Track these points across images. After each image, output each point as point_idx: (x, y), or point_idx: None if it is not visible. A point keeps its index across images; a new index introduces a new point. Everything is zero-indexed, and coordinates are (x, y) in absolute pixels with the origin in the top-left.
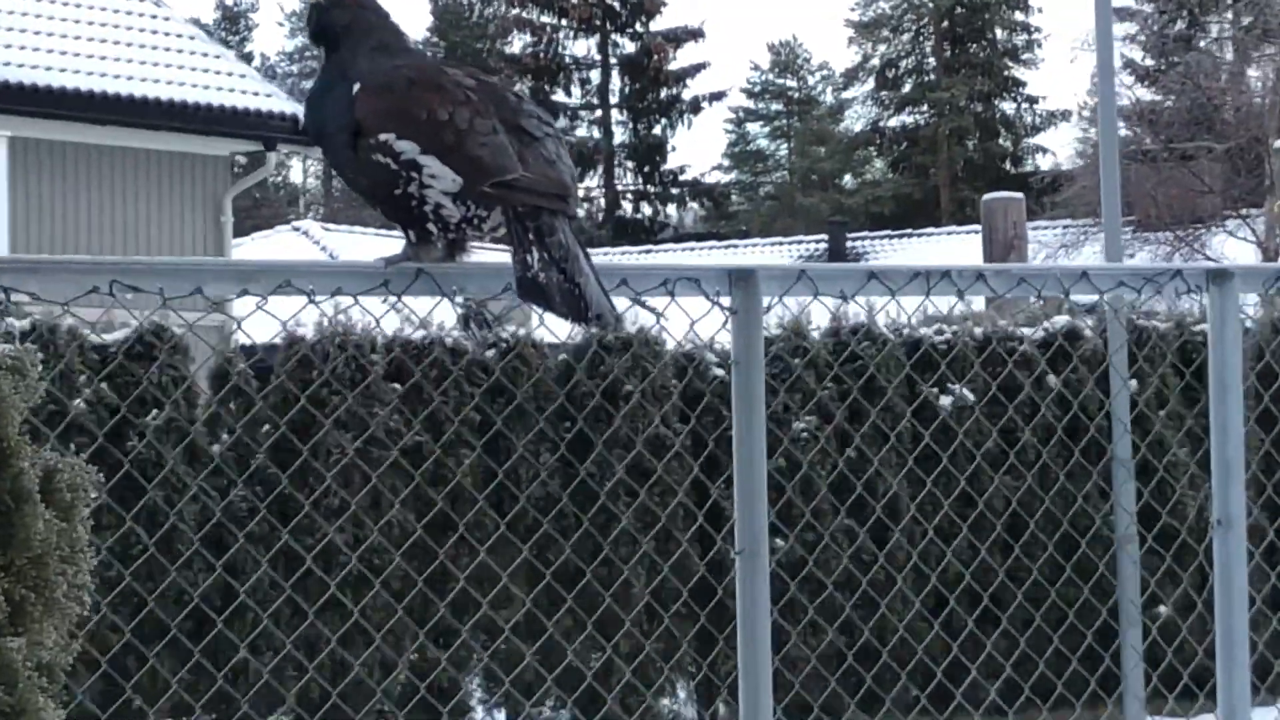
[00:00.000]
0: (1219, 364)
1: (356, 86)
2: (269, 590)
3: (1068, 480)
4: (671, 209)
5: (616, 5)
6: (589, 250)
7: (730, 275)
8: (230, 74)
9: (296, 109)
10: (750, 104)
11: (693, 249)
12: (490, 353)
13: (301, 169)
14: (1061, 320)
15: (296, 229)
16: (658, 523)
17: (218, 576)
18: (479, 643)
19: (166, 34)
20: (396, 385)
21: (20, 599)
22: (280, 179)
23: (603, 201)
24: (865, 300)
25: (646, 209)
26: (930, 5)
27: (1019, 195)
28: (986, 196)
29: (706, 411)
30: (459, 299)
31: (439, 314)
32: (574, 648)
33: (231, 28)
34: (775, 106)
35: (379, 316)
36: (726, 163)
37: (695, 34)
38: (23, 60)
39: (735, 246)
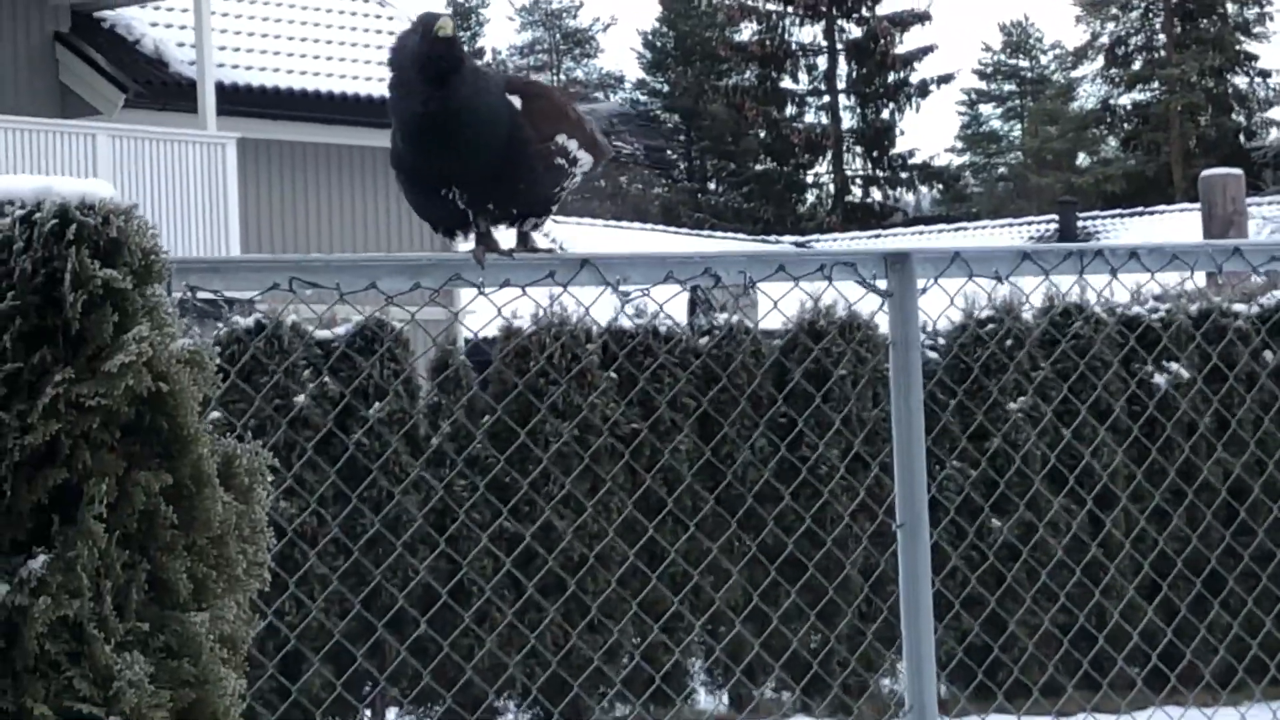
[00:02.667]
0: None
1: (518, 101)
2: (490, 575)
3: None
4: (901, 193)
5: None
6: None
7: (885, 259)
8: None
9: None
10: (982, 85)
11: (921, 232)
12: (704, 339)
13: None
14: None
15: None
16: (871, 505)
17: (440, 560)
18: (701, 626)
19: (391, 34)
20: (612, 374)
21: (202, 576)
22: None
23: (832, 187)
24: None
25: (876, 193)
26: None
27: (1238, 171)
28: (1205, 173)
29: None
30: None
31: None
32: (794, 628)
33: (463, 23)
34: (1008, 87)
35: (588, 305)
36: (960, 145)
37: (922, 17)
38: (250, 63)
39: (964, 229)
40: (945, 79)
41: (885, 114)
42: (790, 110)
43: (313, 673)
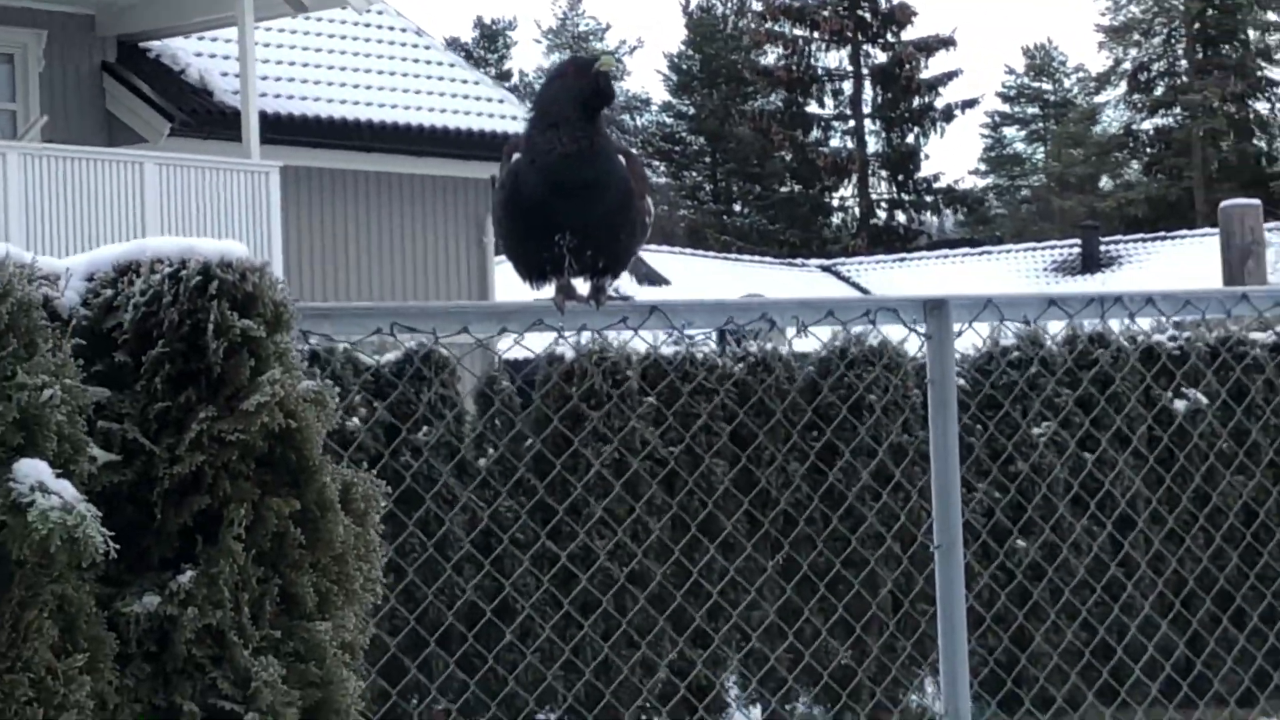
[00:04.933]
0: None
1: (623, 159)
2: (533, 594)
3: None
4: (926, 216)
5: (868, 16)
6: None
7: (925, 305)
8: (489, 99)
9: None
10: (1006, 108)
11: (945, 256)
12: (739, 366)
13: None
14: None
15: None
16: (902, 524)
17: (487, 580)
18: (733, 643)
19: (428, 62)
20: (651, 399)
21: (326, 590)
22: None
23: (857, 211)
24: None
25: (901, 216)
26: (1181, 8)
27: (1256, 202)
28: (1224, 203)
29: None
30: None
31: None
32: (825, 646)
33: (490, 45)
34: (1031, 110)
35: (628, 339)
36: (983, 167)
37: (947, 42)
38: (292, 92)
39: (989, 253)
40: (969, 103)
41: (910, 138)
42: (815, 134)
43: (370, 684)
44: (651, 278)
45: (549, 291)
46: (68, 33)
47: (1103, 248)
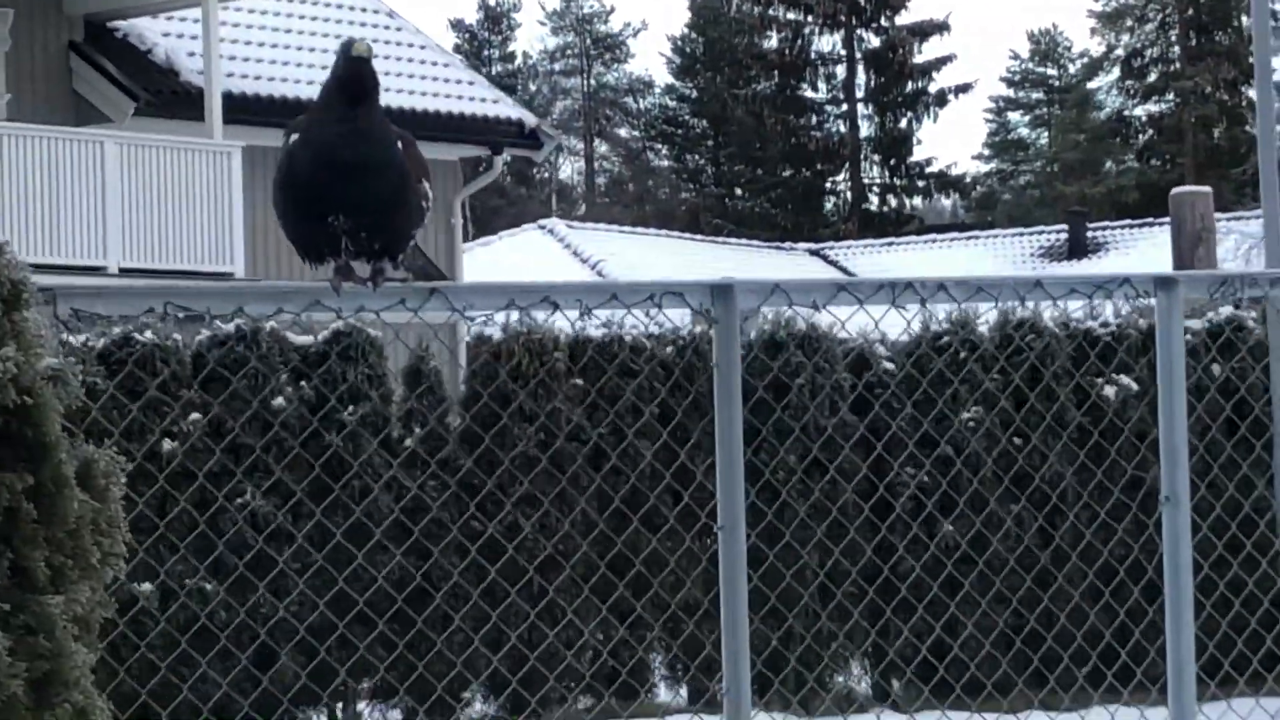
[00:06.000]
0: (1165, 361)
1: (400, 144)
2: (460, 574)
3: (1229, 465)
4: (918, 200)
5: (861, 0)
6: None
7: (712, 289)
8: (459, 81)
9: (524, 115)
10: (1010, 93)
11: (933, 241)
12: (669, 349)
13: (571, 167)
14: (1226, 311)
15: (543, 227)
16: (828, 510)
17: (412, 560)
18: (660, 624)
19: (399, 44)
20: (579, 381)
21: (60, 565)
22: (545, 175)
23: (849, 195)
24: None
25: (893, 201)
26: None
27: (1207, 189)
28: (1174, 190)
29: (874, 404)
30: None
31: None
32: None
33: (494, 28)
34: (1035, 95)
35: (549, 318)
36: (987, 152)
37: (941, 27)
38: (259, 73)
39: (977, 238)
40: (964, 88)
41: (903, 123)
42: (809, 119)
43: (286, 653)
44: (426, 271)
45: (328, 272)
46: (34, 11)
47: (1090, 234)
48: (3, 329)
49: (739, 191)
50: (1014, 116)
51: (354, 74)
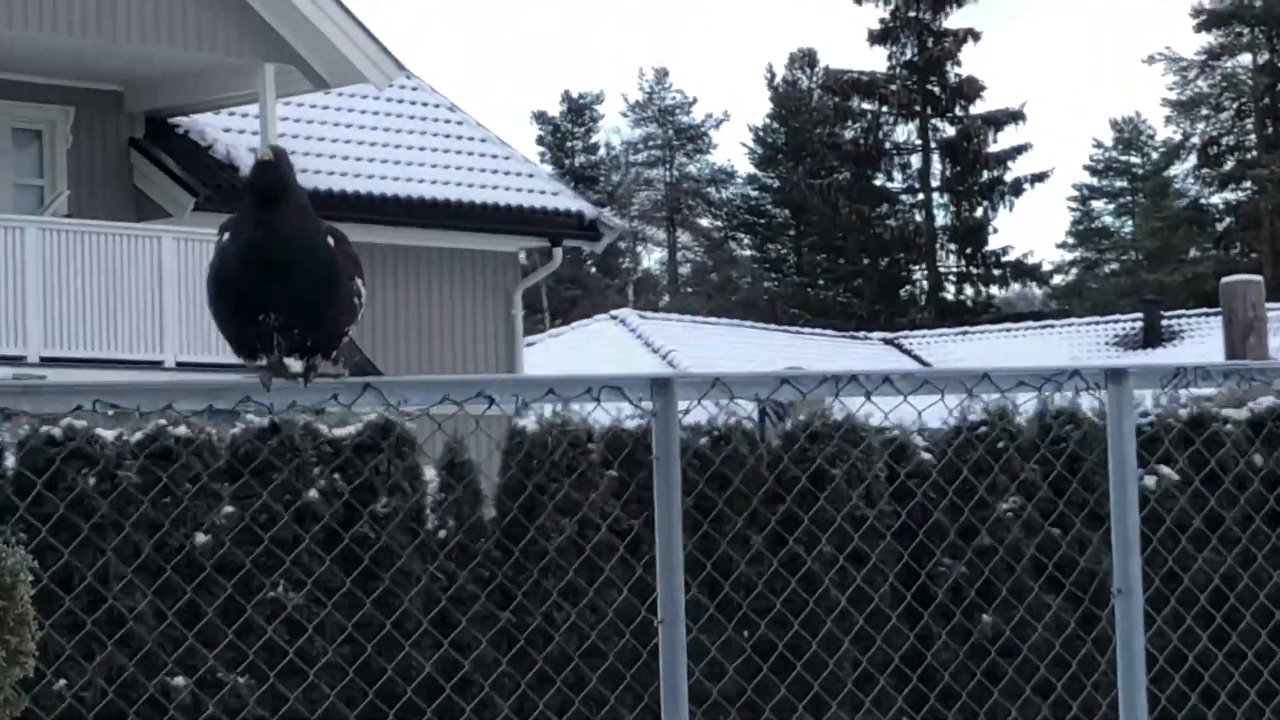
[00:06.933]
0: (1117, 452)
1: (331, 240)
2: (492, 666)
3: (1272, 555)
4: (998, 289)
5: (936, 90)
6: None
7: (651, 383)
8: (519, 174)
9: (584, 207)
10: (1094, 181)
11: (1008, 330)
12: (704, 440)
13: (652, 257)
14: (1267, 400)
15: (614, 318)
16: (868, 599)
17: (445, 652)
18: (695, 714)
19: (459, 138)
20: (613, 472)
21: None
22: (630, 265)
23: (925, 284)
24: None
25: (969, 290)
26: (1249, 83)
27: (1258, 278)
28: (1225, 280)
29: (911, 494)
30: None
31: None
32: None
33: (577, 119)
34: (1120, 183)
35: (589, 413)
36: (1071, 240)
37: (1016, 116)
38: (319, 167)
39: (1051, 327)
40: (1040, 177)
41: (979, 212)
42: (884, 208)
43: None
44: (364, 368)
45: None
46: (96, 109)
47: (1165, 322)
48: None
49: (820, 281)
50: (1098, 204)
51: (257, 178)
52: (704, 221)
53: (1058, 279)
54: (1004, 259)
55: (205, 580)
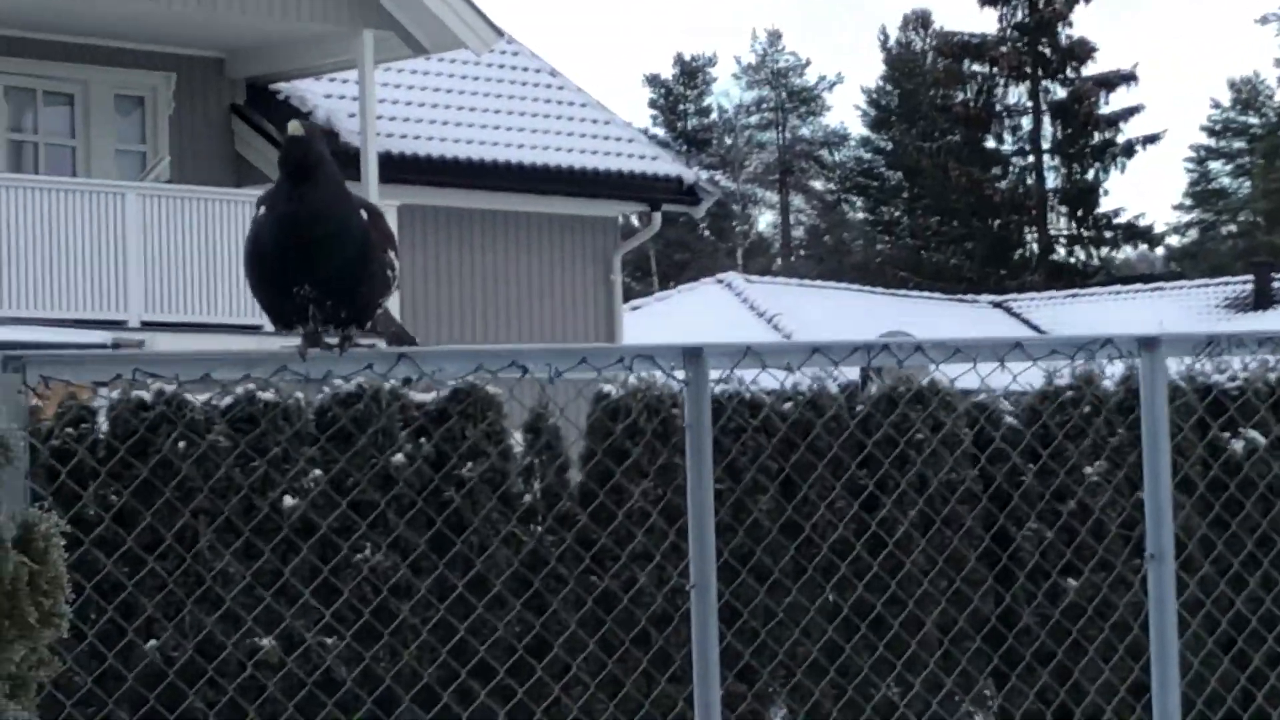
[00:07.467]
0: (1150, 420)
1: (364, 214)
2: (576, 629)
3: None
4: (1106, 251)
5: (1047, 52)
6: None
7: (683, 352)
8: (619, 139)
9: (683, 171)
10: (1211, 142)
11: (1117, 293)
12: (787, 404)
13: (762, 219)
14: None
15: (720, 281)
16: (951, 562)
17: (526, 615)
18: (779, 679)
19: (560, 102)
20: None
21: None
22: (743, 229)
23: (1035, 247)
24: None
25: (1080, 253)
26: None
27: None
28: None
29: (999, 457)
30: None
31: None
32: (869, 680)
33: (689, 82)
34: (1238, 144)
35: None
36: (1188, 202)
37: (1128, 78)
38: (419, 133)
39: (1161, 289)
40: (1152, 139)
41: (1090, 174)
42: (995, 170)
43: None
44: (400, 337)
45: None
46: (197, 75)
47: (1276, 284)
48: None
49: (931, 244)
50: (1215, 166)
51: (288, 153)
52: (817, 184)
53: (1175, 241)
54: (1115, 221)
55: (291, 543)
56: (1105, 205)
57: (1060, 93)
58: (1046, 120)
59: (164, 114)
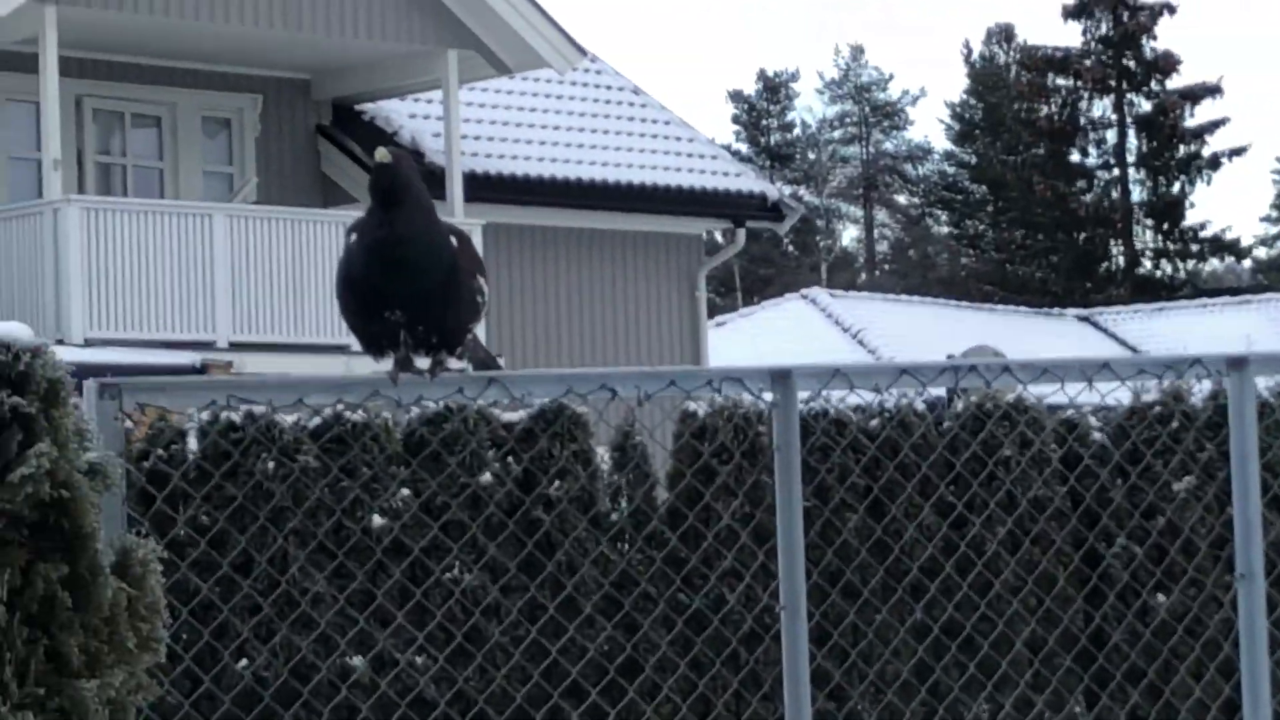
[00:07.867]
0: (1239, 440)
1: (454, 240)
2: (666, 650)
3: None
4: (1192, 264)
5: (1132, 65)
6: None
7: (771, 374)
8: (703, 156)
9: (766, 188)
10: None
11: (1205, 306)
12: (874, 422)
13: (846, 234)
14: None
15: (805, 297)
16: (1040, 581)
17: (616, 635)
18: (869, 698)
19: (643, 120)
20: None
21: (95, 650)
22: (828, 244)
23: (1122, 260)
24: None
25: (1167, 266)
26: None
27: None
28: None
29: (1087, 474)
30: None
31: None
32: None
33: (772, 97)
34: None
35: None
36: (1274, 214)
37: (1213, 90)
38: (503, 152)
39: (1249, 302)
40: (1238, 151)
41: (1175, 187)
42: (1080, 184)
43: None
44: (486, 363)
45: (388, 364)
46: (284, 97)
47: None
48: (39, 426)
49: (1017, 257)
50: None
51: (376, 180)
52: (901, 198)
53: (1262, 253)
54: (1201, 234)
55: (381, 564)
56: (1191, 218)
57: (1145, 106)
58: (1131, 133)
59: (250, 135)
